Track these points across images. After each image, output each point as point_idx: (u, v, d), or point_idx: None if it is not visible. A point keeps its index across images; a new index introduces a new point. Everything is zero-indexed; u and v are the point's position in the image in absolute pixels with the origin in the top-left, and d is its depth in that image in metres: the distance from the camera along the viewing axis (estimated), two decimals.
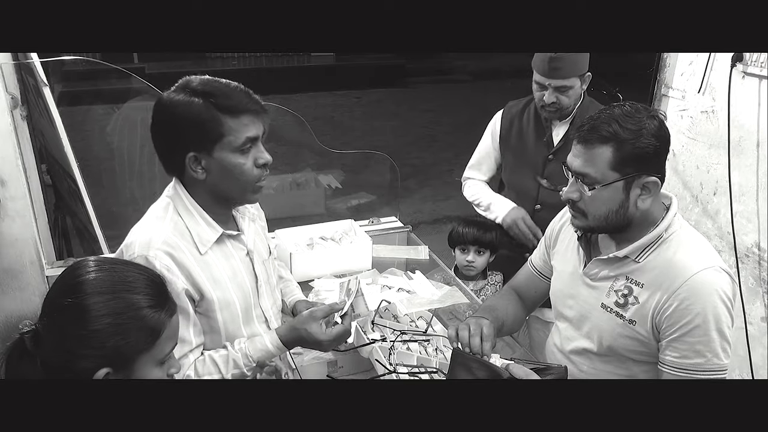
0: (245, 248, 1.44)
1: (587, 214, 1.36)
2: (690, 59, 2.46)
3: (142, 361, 0.98)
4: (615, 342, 1.42)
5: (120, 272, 0.99)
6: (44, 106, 2.39)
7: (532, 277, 1.73)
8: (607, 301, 1.42)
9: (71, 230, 3.08)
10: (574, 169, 1.34)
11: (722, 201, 2.37)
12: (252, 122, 1.30)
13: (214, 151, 1.28)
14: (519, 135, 2.24)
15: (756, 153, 2.22)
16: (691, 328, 1.30)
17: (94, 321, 0.93)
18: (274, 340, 1.37)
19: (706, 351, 1.30)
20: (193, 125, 1.26)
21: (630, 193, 1.32)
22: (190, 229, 1.33)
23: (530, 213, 2.20)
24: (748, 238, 2.30)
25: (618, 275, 1.41)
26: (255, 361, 1.35)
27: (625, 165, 1.29)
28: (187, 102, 1.26)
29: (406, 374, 1.59)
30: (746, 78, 2.22)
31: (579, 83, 2.07)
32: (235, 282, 1.39)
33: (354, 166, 5.66)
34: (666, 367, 1.35)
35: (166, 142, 1.32)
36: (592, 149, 1.30)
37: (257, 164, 1.33)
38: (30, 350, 0.94)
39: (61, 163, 2.60)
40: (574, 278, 1.51)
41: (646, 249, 1.38)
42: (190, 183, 1.34)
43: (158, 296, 1.01)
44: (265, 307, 1.49)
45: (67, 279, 0.98)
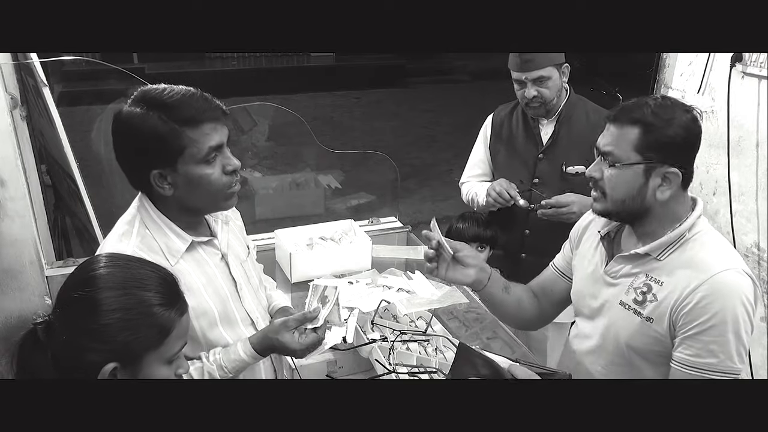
0: (219, 252, 1.41)
1: (606, 194, 1.37)
2: (690, 59, 2.46)
3: (151, 358, 0.99)
4: (631, 340, 1.40)
5: (133, 269, 1.01)
6: (44, 106, 2.39)
7: (553, 276, 1.70)
8: (626, 299, 1.41)
9: (71, 230, 3.08)
10: (600, 147, 1.37)
11: (722, 201, 2.37)
12: (214, 130, 1.24)
13: (178, 165, 1.23)
14: (509, 136, 2.25)
15: (755, 153, 2.22)
16: (707, 326, 1.27)
17: (105, 315, 0.94)
18: (248, 349, 1.34)
19: (719, 352, 1.27)
20: (152, 141, 1.21)
21: (650, 180, 1.32)
22: (159, 242, 1.30)
23: (524, 214, 2.20)
24: (747, 238, 2.30)
25: (638, 273, 1.40)
26: (230, 372, 1.33)
27: (648, 149, 1.30)
28: (142, 116, 1.21)
29: (405, 374, 1.60)
30: (746, 78, 2.22)
31: (557, 73, 2.07)
32: (211, 288, 1.36)
33: (354, 166, 5.66)
34: (677, 365, 1.32)
35: (127, 159, 1.28)
36: (620, 128, 1.32)
37: (226, 171, 1.28)
38: (42, 341, 0.95)
39: (61, 164, 2.60)
40: (595, 277, 1.50)
41: (668, 247, 1.37)
42: (158, 197, 1.30)
43: (169, 295, 1.01)
44: (249, 309, 1.46)
45: (81, 273, 1.00)
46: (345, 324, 1.49)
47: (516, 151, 2.23)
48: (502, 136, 2.27)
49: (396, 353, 1.66)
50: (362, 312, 1.77)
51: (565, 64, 2.09)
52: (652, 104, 1.30)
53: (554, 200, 2.01)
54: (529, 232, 2.21)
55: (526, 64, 2.03)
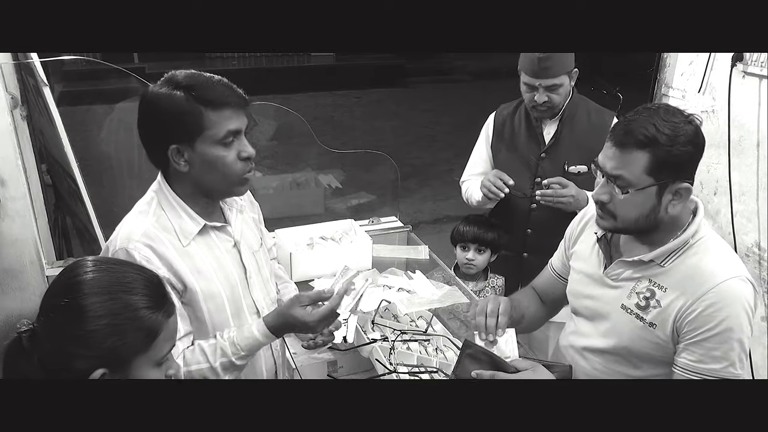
0: (232, 239, 1.44)
1: (617, 216, 1.34)
2: (690, 59, 2.46)
3: (139, 362, 0.98)
4: (632, 343, 1.41)
5: (118, 273, 0.99)
6: (44, 106, 2.39)
7: (551, 279, 1.72)
8: (628, 303, 1.41)
9: (71, 230, 3.08)
10: (608, 170, 1.32)
11: (722, 201, 2.37)
12: (234, 115, 1.30)
13: (196, 144, 1.29)
14: (511, 136, 2.25)
15: (756, 153, 2.22)
16: (712, 334, 1.28)
17: (91, 321, 0.93)
18: (261, 327, 1.35)
19: (723, 358, 1.29)
20: (175, 118, 1.27)
21: (662, 198, 1.30)
22: (173, 222, 1.34)
23: (526, 213, 2.20)
24: (748, 237, 2.30)
25: (641, 277, 1.40)
26: (243, 350, 1.34)
27: (660, 171, 1.27)
28: (169, 95, 1.27)
29: (406, 374, 1.60)
30: (746, 78, 2.22)
31: (568, 80, 2.08)
32: (221, 273, 1.39)
33: (354, 166, 5.66)
34: (680, 369, 1.34)
35: (149, 134, 1.34)
36: (627, 153, 1.28)
37: (240, 157, 1.33)
38: (27, 349, 0.94)
39: (61, 163, 2.60)
40: (594, 279, 1.50)
41: (672, 254, 1.36)
42: (175, 176, 1.35)
43: (156, 297, 1.00)
44: (256, 299, 1.48)
45: (64, 279, 0.98)
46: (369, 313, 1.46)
47: (518, 150, 2.22)
48: (504, 135, 2.26)
49: (396, 353, 1.66)
50: (363, 312, 1.77)
51: (575, 69, 2.08)
52: (656, 123, 1.26)
53: (557, 179, 2.00)
54: (531, 232, 2.21)
55: (543, 72, 2.01)
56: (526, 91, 2.11)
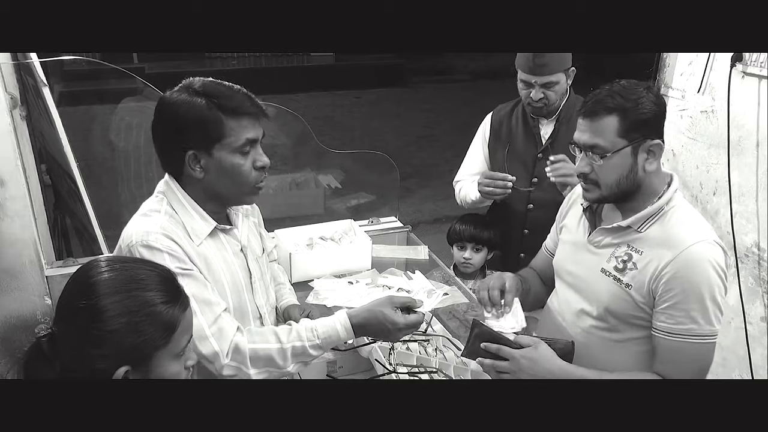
0: (239, 243, 1.45)
1: (600, 183, 1.44)
2: (690, 59, 2.46)
3: (160, 356, 0.99)
4: (612, 304, 1.49)
5: (131, 270, 1.00)
6: (44, 106, 2.39)
7: (547, 259, 1.80)
8: (607, 266, 1.50)
9: (71, 230, 3.08)
10: (583, 142, 1.42)
11: (722, 201, 2.37)
12: (252, 124, 1.32)
13: (214, 151, 1.30)
14: (508, 136, 2.25)
15: (756, 153, 2.22)
16: (685, 296, 1.37)
17: (110, 321, 0.94)
18: (344, 320, 1.35)
19: (699, 317, 1.37)
20: (195, 124, 1.28)
21: (638, 157, 1.40)
22: (184, 222, 1.35)
23: (523, 213, 2.21)
24: (747, 238, 2.30)
25: (620, 243, 1.49)
26: (319, 337, 1.33)
27: (631, 131, 1.38)
28: (189, 101, 1.29)
29: (405, 374, 1.60)
30: (746, 78, 2.22)
31: (564, 78, 2.08)
32: (229, 275, 1.40)
33: (354, 166, 5.66)
34: (659, 332, 1.42)
35: (166, 139, 1.34)
36: (599, 120, 1.39)
37: (255, 166, 1.35)
38: (47, 354, 0.95)
39: (61, 163, 2.60)
40: (578, 246, 1.60)
41: (648, 220, 1.45)
42: (187, 181, 1.36)
43: (171, 292, 1.01)
44: (259, 304, 1.49)
45: (79, 281, 0.99)
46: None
47: (515, 150, 2.22)
48: (501, 135, 2.26)
49: (396, 353, 1.66)
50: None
51: (572, 68, 2.09)
52: (618, 90, 1.39)
53: (562, 155, 1.98)
54: (528, 232, 2.21)
55: (539, 69, 2.03)
56: (522, 88, 2.12)
